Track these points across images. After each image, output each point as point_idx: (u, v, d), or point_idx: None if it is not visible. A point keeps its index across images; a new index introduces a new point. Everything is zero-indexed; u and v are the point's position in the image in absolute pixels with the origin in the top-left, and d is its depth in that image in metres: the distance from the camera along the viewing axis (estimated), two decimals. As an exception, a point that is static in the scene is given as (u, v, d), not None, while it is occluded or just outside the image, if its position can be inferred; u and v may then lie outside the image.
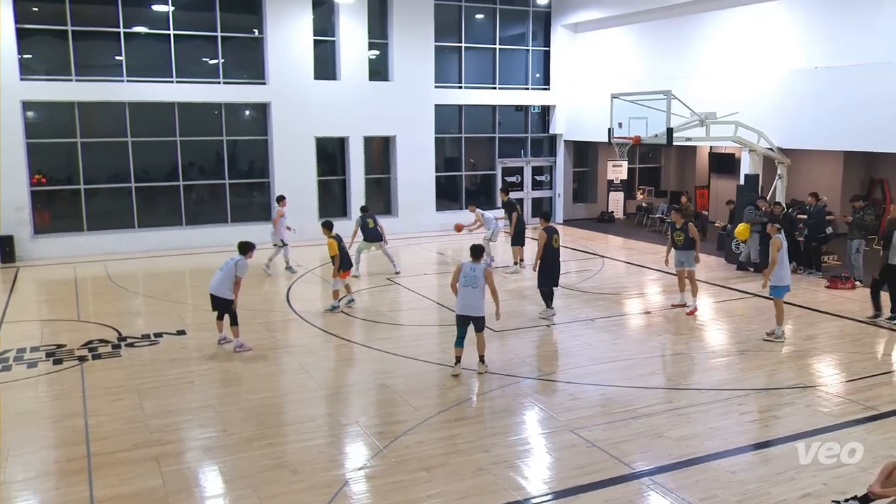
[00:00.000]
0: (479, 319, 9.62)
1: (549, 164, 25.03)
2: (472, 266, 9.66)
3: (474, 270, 9.60)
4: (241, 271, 10.90)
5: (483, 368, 9.77)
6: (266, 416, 8.56)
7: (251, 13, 20.38)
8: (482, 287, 9.55)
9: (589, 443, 7.68)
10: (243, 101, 20.63)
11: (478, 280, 9.54)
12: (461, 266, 9.70)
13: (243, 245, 11.14)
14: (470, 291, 9.55)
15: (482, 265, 9.71)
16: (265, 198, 20.88)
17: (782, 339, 11.20)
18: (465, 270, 9.64)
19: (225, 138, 20.31)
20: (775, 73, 17.23)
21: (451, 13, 22.72)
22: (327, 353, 11.03)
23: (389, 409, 8.80)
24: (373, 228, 15.95)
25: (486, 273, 9.63)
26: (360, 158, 21.58)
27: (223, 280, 10.85)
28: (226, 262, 11.02)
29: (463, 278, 9.61)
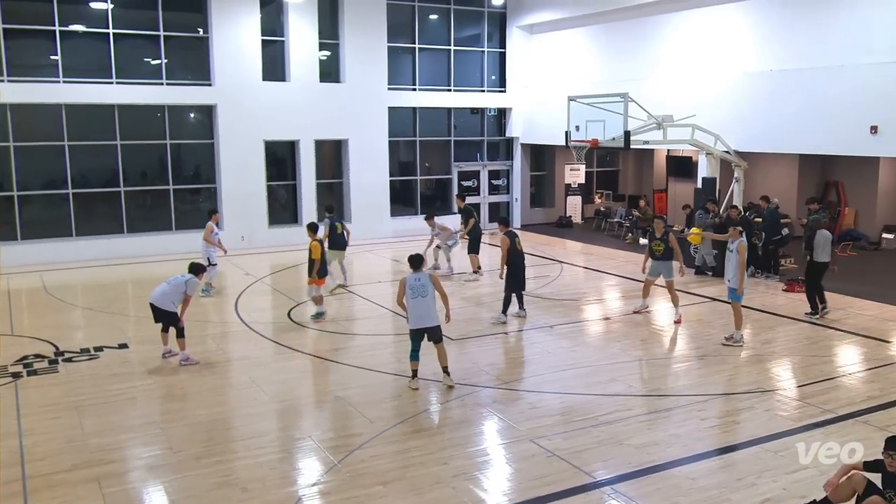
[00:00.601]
0: (434, 330, 9.56)
1: (505, 167, 25.20)
2: (416, 276, 9.59)
3: (419, 280, 9.53)
4: (191, 290, 10.88)
5: (450, 381, 9.65)
6: (214, 432, 8.43)
7: (195, 12, 20.12)
8: (432, 294, 9.51)
9: (549, 452, 7.74)
10: (188, 104, 20.34)
11: (426, 288, 9.47)
12: (404, 280, 9.61)
13: (195, 266, 11.15)
14: (421, 301, 9.46)
15: (425, 273, 9.68)
16: (211, 204, 20.59)
17: (741, 344, 11.45)
18: (410, 282, 9.53)
19: (168, 142, 19.99)
20: (731, 76, 17.65)
21: (404, 13, 22.75)
22: (279, 366, 10.91)
23: (344, 422, 8.74)
24: (340, 234, 15.27)
25: (433, 278, 9.60)
26: (311, 162, 21.44)
27: (168, 293, 10.73)
28: (174, 278, 10.91)
29: (410, 290, 9.49)
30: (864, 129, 14.65)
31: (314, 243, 12.85)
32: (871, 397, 9.22)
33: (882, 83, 14.47)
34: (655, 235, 12.97)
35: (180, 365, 10.69)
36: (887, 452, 5.84)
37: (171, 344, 10.95)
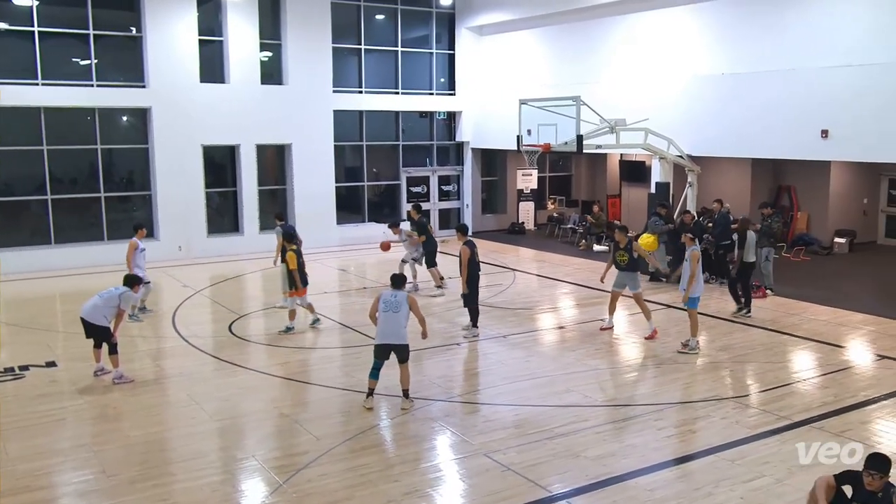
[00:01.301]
0: (402, 348, 9.41)
1: (456, 173, 25.30)
2: (392, 293, 9.51)
3: (396, 297, 9.43)
4: (125, 303, 10.69)
5: (408, 404, 9.51)
6: (150, 453, 8.26)
7: (128, 10, 19.77)
8: (405, 313, 9.37)
9: (504, 466, 7.77)
10: (120, 106, 19.93)
11: (400, 305, 9.34)
12: (380, 295, 9.55)
13: (130, 278, 10.96)
14: (392, 317, 9.32)
15: (404, 293, 9.59)
16: (146, 212, 20.20)
17: (697, 350, 11.67)
18: (385, 297, 9.45)
19: (100, 147, 19.54)
20: (683, 79, 18.05)
21: (350, 13, 22.71)
22: (219, 382, 10.74)
23: (289, 440, 8.64)
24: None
25: (411, 300, 9.48)
26: (252, 168, 21.20)
27: (100, 307, 10.50)
28: (107, 290, 10.67)
29: (383, 304, 9.40)
30: (816, 133, 15.12)
31: (290, 253, 12.77)
32: (826, 403, 9.49)
33: (833, 87, 14.95)
34: (619, 246, 12.77)
35: (113, 383, 10.43)
36: (868, 472, 5.65)
37: (103, 361, 10.69)
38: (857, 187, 21.30)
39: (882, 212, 21.75)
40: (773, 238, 15.68)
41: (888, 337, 12.43)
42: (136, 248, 13.82)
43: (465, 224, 13.87)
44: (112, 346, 10.52)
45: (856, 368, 11.04)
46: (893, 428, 8.75)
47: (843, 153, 15.62)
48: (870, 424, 8.87)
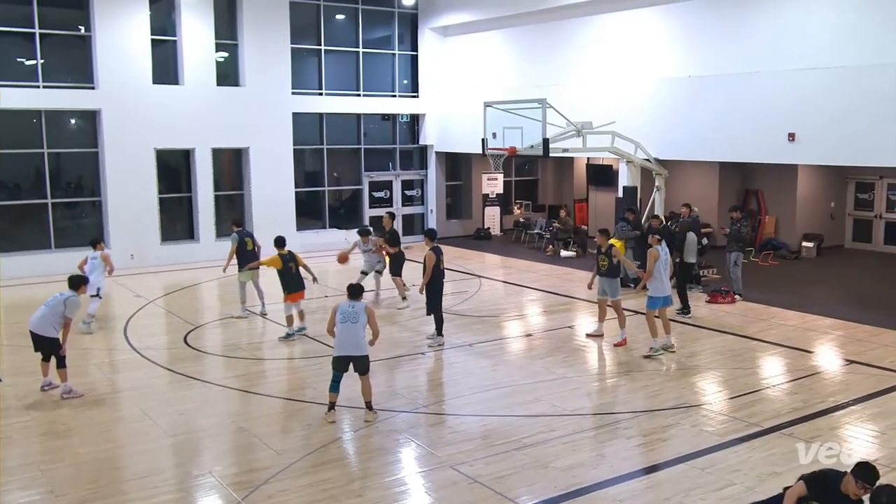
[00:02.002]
0: (361, 359, 9.37)
1: (419, 177, 25.32)
2: (350, 304, 9.46)
3: (353, 307, 9.40)
4: (70, 310, 10.33)
5: (371, 416, 9.44)
6: (102, 471, 8.13)
7: (76, 8, 19.47)
8: (364, 323, 9.35)
9: (471, 479, 7.77)
10: (68, 108, 19.64)
11: (358, 316, 9.32)
12: (337, 306, 9.52)
13: (75, 279, 10.67)
14: (350, 327, 9.30)
15: (362, 303, 9.54)
16: (96, 219, 19.89)
17: (660, 353, 11.83)
18: (343, 308, 9.42)
19: (46, 151, 19.20)
20: (650, 82, 18.28)
21: (309, 13, 22.64)
22: (174, 396, 10.60)
23: (248, 456, 8.56)
24: (251, 251, 14.86)
25: (369, 311, 9.44)
26: (208, 173, 20.99)
27: (47, 316, 10.27)
28: (53, 297, 10.43)
29: (341, 315, 9.36)
30: (783, 136, 15.41)
31: (275, 257, 12.83)
32: (795, 409, 9.66)
33: (799, 90, 15.26)
34: (600, 250, 12.69)
35: (62, 398, 10.25)
36: (863, 484, 5.75)
37: (51, 375, 10.49)
38: (825, 191, 21.75)
39: (849, 215, 22.22)
40: (742, 242, 15.93)
41: (856, 342, 12.70)
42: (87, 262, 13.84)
43: (432, 229, 13.85)
44: (60, 359, 10.32)
45: (825, 374, 11.25)
46: (862, 433, 8.93)
47: (810, 156, 15.95)
48: (839, 430, 9.04)
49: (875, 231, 21.66)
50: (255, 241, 15.17)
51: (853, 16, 14.90)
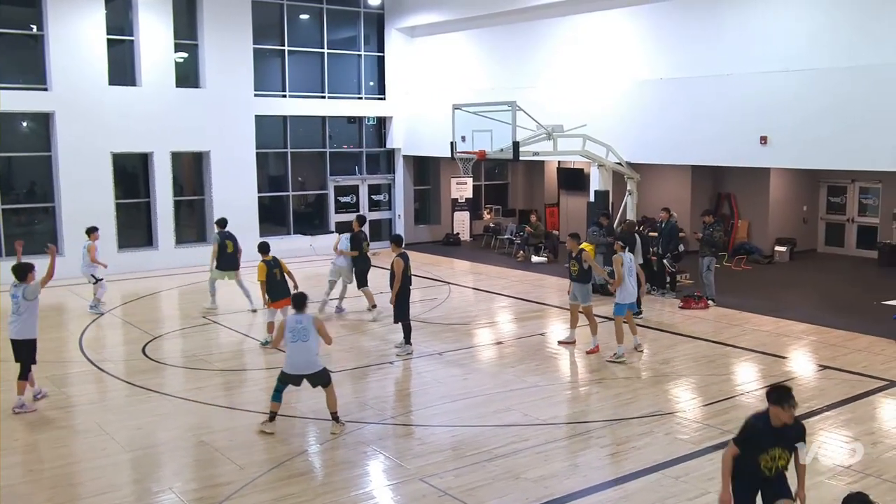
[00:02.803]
0: (318, 375, 9.35)
1: (387, 181, 25.30)
2: (297, 318, 9.34)
3: (301, 322, 9.28)
4: (31, 295, 10.21)
5: (338, 429, 9.38)
6: (58, 489, 8.00)
7: (27, 6, 19.21)
8: (315, 339, 9.28)
9: (441, 491, 7.77)
10: (19, 110, 19.33)
11: (308, 332, 9.23)
12: (283, 322, 9.46)
13: (20, 268, 10.40)
14: (302, 347, 9.21)
15: (309, 315, 9.43)
16: (49, 225, 19.60)
17: (622, 359, 12.04)
18: (291, 325, 9.30)
19: (-4, 155, 18.94)
20: (621, 84, 18.45)
21: (272, 13, 22.55)
22: (132, 409, 10.46)
23: (210, 471, 8.49)
24: (232, 253, 15.06)
25: (318, 324, 9.34)
26: (167, 177, 20.79)
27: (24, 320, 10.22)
28: (14, 302, 10.29)
29: (290, 334, 9.26)
30: (755, 139, 15.63)
31: (260, 264, 12.92)
32: (770, 416, 9.78)
33: (771, 93, 15.48)
34: (571, 255, 12.84)
35: (13, 412, 10.10)
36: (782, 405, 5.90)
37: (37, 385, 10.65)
38: (797, 195, 22.10)
39: (821, 219, 22.59)
40: (715, 247, 16.12)
41: (829, 346, 12.91)
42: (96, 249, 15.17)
43: (399, 235, 13.84)
44: (26, 370, 10.24)
45: (799, 379, 11.41)
46: (837, 438, 9.08)
47: (782, 160, 16.19)
48: (813, 435, 9.14)
49: (847, 235, 22.05)
50: (236, 244, 15.39)
51: (824, 19, 15.16)
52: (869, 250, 21.05)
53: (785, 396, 5.96)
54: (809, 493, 7.59)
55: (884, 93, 13.91)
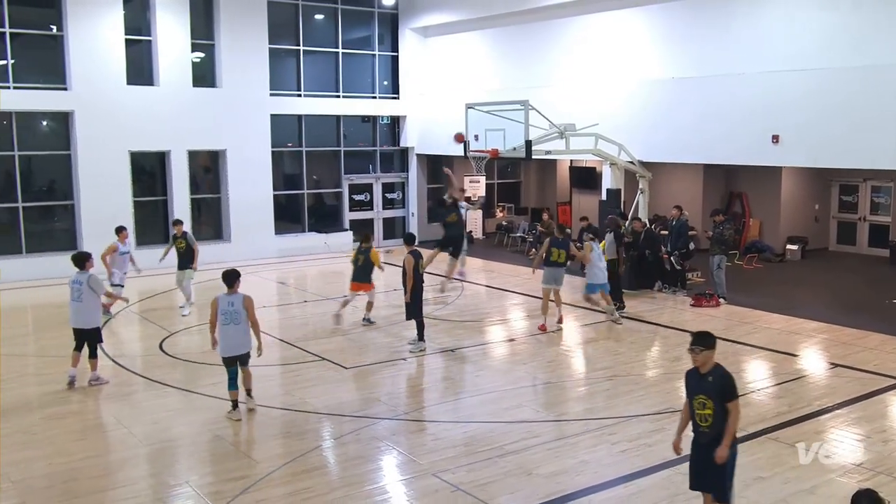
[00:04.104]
0: (244, 355, 9.76)
1: (400, 180, 25.31)
2: (229, 300, 9.52)
3: (232, 305, 9.48)
4: (96, 285, 10.65)
5: (253, 403, 9.93)
6: (76, 482, 8.04)
7: (47, 7, 19.34)
8: (245, 321, 9.54)
9: (453, 486, 7.77)
10: (40, 110, 19.46)
11: (239, 315, 9.47)
12: (216, 301, 9.61)
13: (79, 257, 10.87)
14: (233, 330, 9.50)
15: (240, 295, 9.59)
16: (69, 223, 19.72)
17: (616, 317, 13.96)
18: (223, 306, 9.50)
19: (17, 153, 19.02)
20: (633, 84, 18.38)
21: (287, 13, 22.58)
22: (149, 403, 10.51)
23: (225, 464, 8.51)
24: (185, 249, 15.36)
25: (247, 304, 9.55)
26: (184, 176, 20.87)
27: (86, 307, 10.65)
28: (76, 291, 10.65)
29: (222, 316, 9.47)
30: (766, 138, 15.53)
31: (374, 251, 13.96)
32: (780, 413, 9.73)
33: (782, 92, 15.38)
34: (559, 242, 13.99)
35: (89, 384, 10.72)
36: (689, 347, 6.46)
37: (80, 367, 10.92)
38: (809, 193, 21.96)
39: (833, 218, 22.44)
40: (725, 245, 16.03)
41: (841, 345, 12.82)
42: (116, 250, 14.45)
43: (411, 234, 14.03)
44: (93, 349, 10.79)
45: (810, 377, 11.34)
46: (848, 437, 9.01)
47: (794, 158, 16.08)
48: (824, 433, 9.11)
49: (859, 233, 21.89)
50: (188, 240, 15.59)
51: (835, 18, 15.05)
52: (881, 249, 20.91)
53: (693, 340, 6.46)
54: (820, 489, 7.60)
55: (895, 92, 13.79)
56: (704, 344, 6.39)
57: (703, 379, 6.40)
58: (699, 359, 6.39)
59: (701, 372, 6.43)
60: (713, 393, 6.32)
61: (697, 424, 6.46)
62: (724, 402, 6.32)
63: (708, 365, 6.40)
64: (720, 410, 6.32)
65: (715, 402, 6.32)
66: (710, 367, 6.41)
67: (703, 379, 6.41)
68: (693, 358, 6.44)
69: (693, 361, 6.45)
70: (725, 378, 6.39)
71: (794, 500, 7.44)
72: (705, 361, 6.39)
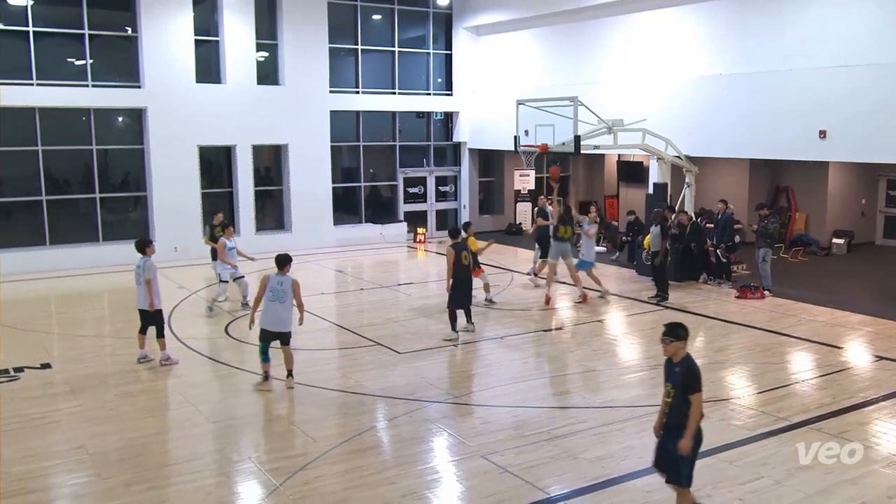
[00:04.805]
0: (285, 334, 9.97)
1: (453, 173, 25.30)
2: (279, 280, 9.86)
3: (282, 284, 9.81)
4: (148, 272, 10.91)
5: (291, 383, 10.07)
6: (146, 456, 8.23)
7: (123, 9, 19.74)
8: (290, 302, 9.79)
9: (501, 468, 7.75)
10: (116, 107, 19.92)
11: (286, 294, 9.77)
12: (266, 279, 9.90)
13: (139, 242, 11.22)
14: (277, 307, 9.81)
15: (289, 277, 9.85)
16: (142, 213, 20.18)
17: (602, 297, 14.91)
18: (272, 284, 9.83)
19: (95, 147, 19.51)
20: (680, 80, 18.05)
21: (346, 13, 22.70)
22: (215, 384, 10.72)
23: (285, 442, 8.63)
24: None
25: (295, 286, 9.84)
26: (248, 169, 21.18)
27: (142, 291, 10.94)
28: (136, 273, 11.03)
29: (270, 293, 9.80)
30: (814, 133, 15.13)
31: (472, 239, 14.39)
32: (824, 404, 9.49)
33: (831, 88, 14.96)
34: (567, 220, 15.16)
35: (160, 364, 10.97)
36: (661, 338, 6.39)
37: (147, 349, 11.18)
38: (855, 188, 21.34)
39: (880, 212, 21.79)
40: (770, 239, 15.69)
41: (886, 338, 12.44)
42: (225, 246, 14.47)
43: (456, 227, 13.67)
44: (159, 328, 11.03)
45: (854, 369, 11.04)
46: (891, 429, 8.74)
47: (841, 153, 15.64)
48: (868, 426, 8.86)
49: (906, 228, 21.24)
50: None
51: (883, 14, 14.59)
52: (928, 243, 20.26)
53: (665, 330, 6.37)
54: (864, 480, 7.41)
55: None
56: (674, 335, 6.34)
57: (672, 369, 6.39)
58: (669, 349, 6.35)
59: (673, 361, 6.40)
60: (678, 383, 6.30)
61: (665, 411, 6.49)
62: (687, 394, 6.27)
63: (679, 355, 6.36)
64: (681, 401, 6.29)
65: (677, 393, 6.29)
66: (680, 358, 6.36)
67: (672, 368, 6.40)
68: (664, 348, 6.39)
69: (664, 352, 6.41)
70: (690, 370, 6.31)
71: (836, 490, 7.26)
72: (675, 352, 6.35)
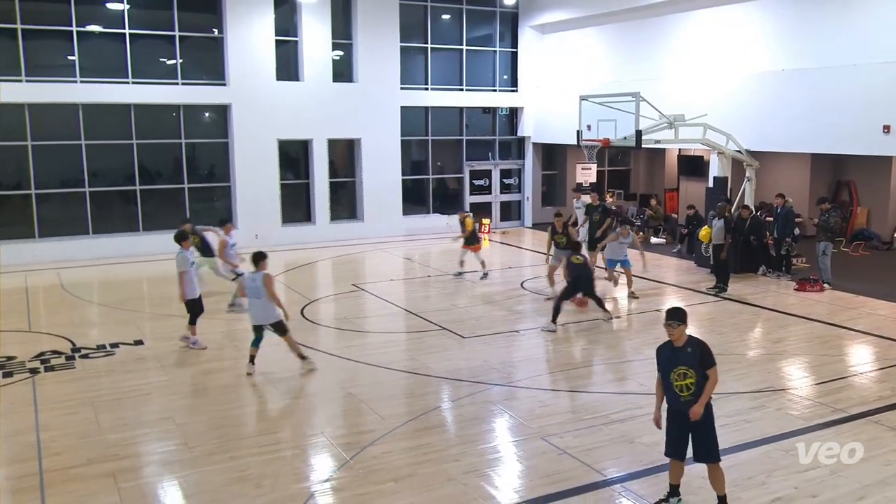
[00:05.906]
0: (276, 325, 10.03)
1: (517, 167, 25.16)
2: (252, 277, 9.92)
3: (254, 281, 9.85)
4: (179, 265, 11.09)
5: (307, 367, 10.17)
6: (227, 428, 8.47)
7: (210, 12, 20.20)
8: (265, 296, 9.79)
9: (560, 450, 7.72)
10: (202, 103, 20.43)
11: (259, 290, 9.78)
12: (243, 278, 10.11)
13: (176, 235, 11.38)
14: (256, 302, 9.89)
15: (260, 273, 9.86)
16: (226, 203, 20.69)
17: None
18: (247, 283, 9.95)
19: (183, 141, 20.09)
20: (742, 75, 17.54)
21: (417, 13, 22.75)
22: (291, 363, 10.92)
23: (356, 419, 8.76)
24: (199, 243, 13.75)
25: (266, 281, 9.80)
26: (324, 161, 21.48)
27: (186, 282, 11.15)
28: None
29: (247, 290, 9.94)
30: (877, 128, 14.50)
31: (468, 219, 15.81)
32: (883, 397, 9.15)
33: (895, 82, 14.32)
34: (556, 230, 14.61)
35: (190, 347, 11.16)
36: (665, 322, 6.31)
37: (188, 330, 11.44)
38: (919, 183, 20.41)
39: (945, 207, 20.79)
40: (831, 233, 15.16)
41: (949, 332, 11.91)
42: (226, 244, 13.47)
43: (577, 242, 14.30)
44: (191, 315, 11.23)
45: (914, 363, 10.61)
46: (952, 423, 8.39)
47: (906, 148, 14.98)
48: (928, 419, 8.52)
49: (972, 223, 20.21)
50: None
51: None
52: None
53: (668, 315, 6.32)
54: (922, 473, 7.11)
55: None
56: (680, 319, 6.28)
57: (681, 351, 6.27)
58: (675, 333, 6.27)
59: (676, 345, 6.29)
60: (694, 363, 6.21)
61: (678, 395, 6.29)
62: (706, 369, 6.22)
63: (682, 339, 6.30)
64: (702, 378, 6.21)
65: (697, 372, 6.21)
66: (684, 340, 6.30)
67: (679, 351, 6.28)
68: (669, 332, 6.30)
69: (669, 335, 6.31)
70: (705, 348, 6.29)
71: (894, 481, 7.00)
72: (681, 335, 6.29)
